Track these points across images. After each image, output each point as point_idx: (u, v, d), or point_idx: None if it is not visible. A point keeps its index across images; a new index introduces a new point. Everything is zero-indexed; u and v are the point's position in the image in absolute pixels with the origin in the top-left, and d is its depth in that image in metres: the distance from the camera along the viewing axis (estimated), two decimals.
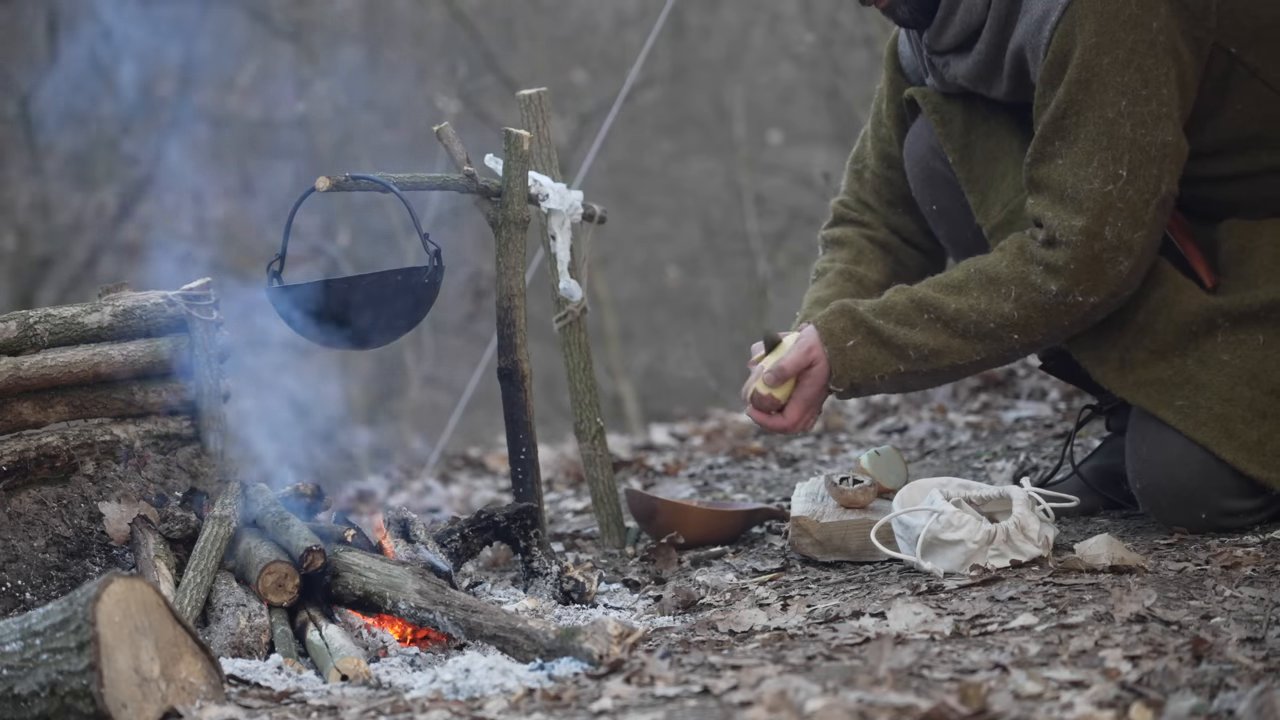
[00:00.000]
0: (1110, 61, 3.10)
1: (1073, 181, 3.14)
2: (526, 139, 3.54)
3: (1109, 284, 3.16)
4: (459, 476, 5.61)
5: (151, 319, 3.40)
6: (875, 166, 3.62)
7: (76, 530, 3.26)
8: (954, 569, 3.11)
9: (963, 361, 3.24)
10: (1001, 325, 3.20)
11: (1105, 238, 3.13)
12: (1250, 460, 3.18)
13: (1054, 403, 4.80)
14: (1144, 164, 3.11)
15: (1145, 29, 3.09)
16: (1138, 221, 3.13)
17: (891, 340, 3.23)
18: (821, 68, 10.17)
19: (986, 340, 3.22)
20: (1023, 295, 3.18)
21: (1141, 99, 3.10)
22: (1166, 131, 3.12)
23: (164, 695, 2.53)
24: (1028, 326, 3.20)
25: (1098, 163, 3.12)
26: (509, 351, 3.59)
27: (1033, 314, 3.19)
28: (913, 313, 3.23)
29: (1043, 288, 3.17)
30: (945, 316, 3.22)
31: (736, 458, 4.88)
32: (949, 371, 3.27)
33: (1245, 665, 2.41)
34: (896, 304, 3.25)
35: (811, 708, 2.30)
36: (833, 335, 3.25)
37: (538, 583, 3.39)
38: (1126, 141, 3.11)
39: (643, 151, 11.97)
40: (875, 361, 3.24)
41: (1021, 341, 3.22)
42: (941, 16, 3.28)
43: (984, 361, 3.26)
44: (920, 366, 3.24)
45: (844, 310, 3.27)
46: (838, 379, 3.25)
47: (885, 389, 3.30)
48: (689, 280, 12.12)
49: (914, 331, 3.23)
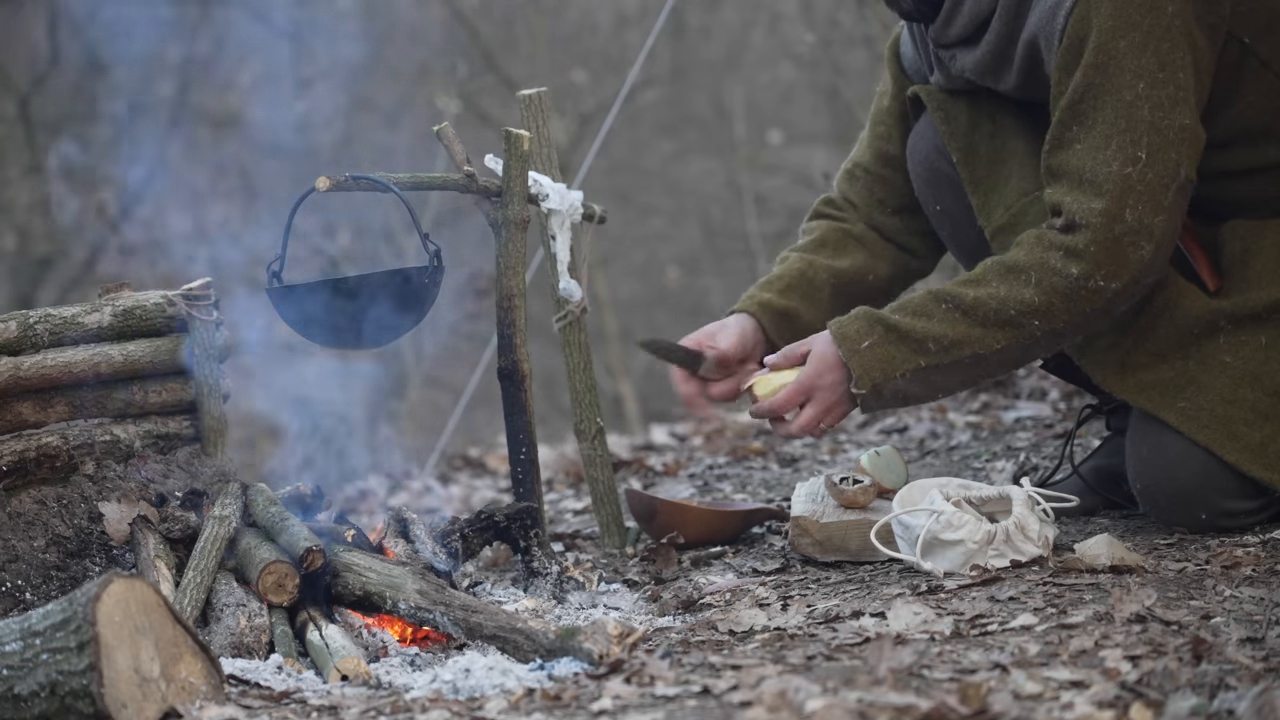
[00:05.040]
0: (1127, 45, 3.08)
1: (1091, 165, 3.11)
2: (526, 139, 3.54)
3: (1130, 269, 3.12)
4: (459, 476, 5.61)
5: (151, 319, 3.40)
6: (871, 165, 3.61)
7: (76, 530, 3.26)
8: (954, 569, 3.11)
9: (984, 351, 3.18)
10: (1022, 311, 3.15)
11: (1126, 220, 3.10)
12: (1253, 462, 3.18)
13: (1054, 403, 4.80)
14: (1162, 147, 3.09)
15: (1162, 13, 3.07)
16: (1158, 205, 3.10)
17: (910, 334, 3.19)
18: (821, 68, 10.17)
19: (1007, 328, 3.16)
20: (1043, 280, 3.13)
21: (1159, 82, 3.08)
22: (1184, 115, 3.10)
23: (164, 695, 2.53)
24: (1049, 312, 3.15)
25: (1116, 145, 3.09)
26: (509, 351, 3.59)
27: (1054, 299, 3.14)
28: (930, 305, 3.20)
29: (1063, 271, 3.12)
30: (964, 305, 3.17)
31: (736, 458, 4.88)
32: (970, 364, 3.20)
33: (1245, 665, 2.42)
34: (914, 299, 3.22)
35: (811, 708, 2.30)
36: (847, 338, 3.21)
37: (538, 583, 3.38)
38: (1145, 124, 3.08)
39: (643, 151, 11.97)
40: (894, 358, 3.20)
41: (1042, 329, 3.16)
42: (949, 8, 3.26)
43: (1005, 351, 3.18)
44: (941, 359, 3.18)
45: (861, 313, 3.24)
46: (858, 380, 3.20)
47: (911, 390, 3.23)
48: (689, 280, 12.12)
49: (932, 323, 3.18)
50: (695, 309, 11.88)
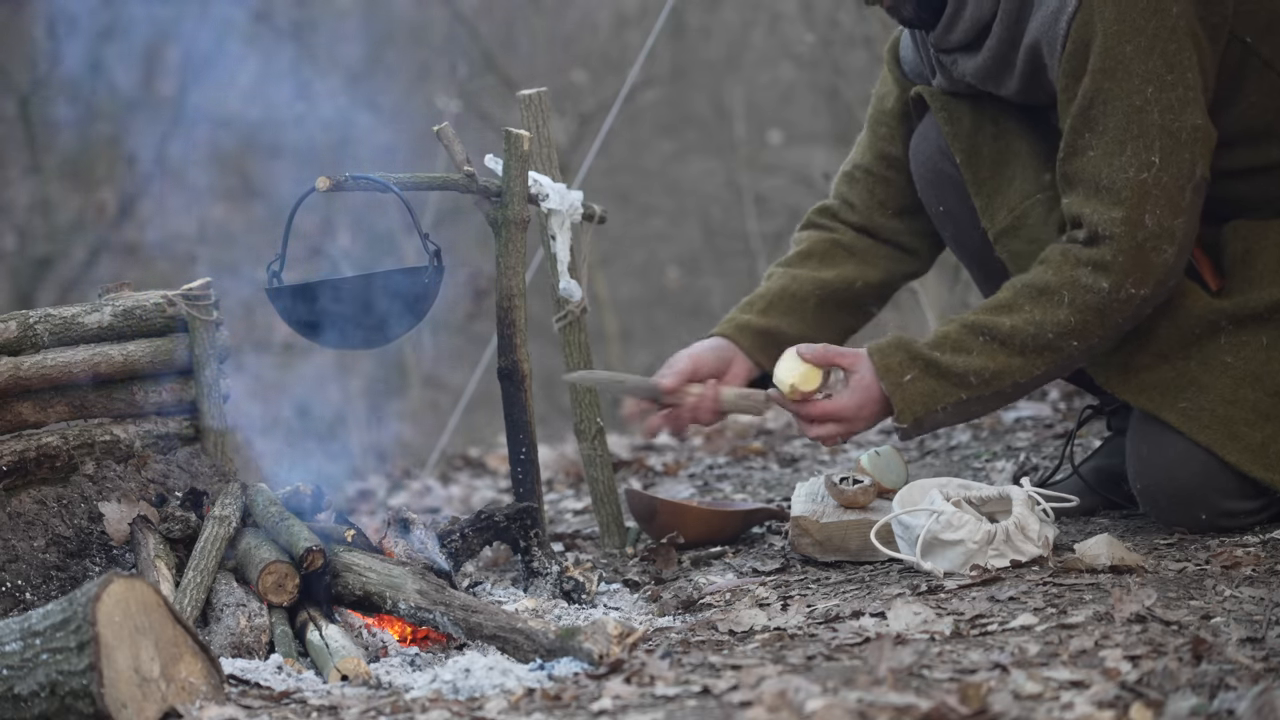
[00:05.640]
0: (1133, 49, 3.08)
1: (1107, 173, 3.11)
2: (526, 139, 3.54)
3: (1156, 273, 3.12)
4: (459, 476, 5.60)
5: (151, 319, 3.40)
6: (872, 166, 3.60)
7: (76, 530, 3.26)
8: (954, 569, 3.11)
9: (1024, 379, 3.19)
10: (1060, 334, 3.15)
11: (1147, 226, 3.10)
12: (1254, 462, 3.18)
13: (1054, 403, 4.80)
14: (1175, 149, 3.09)
15: (1165, 14, 3.08)
16: (1176, 208, 3.11)
17: (950, 370, 3.18)
18: (821, 68, 10.16)
19: (1046, 353, 3.17)
20: (1076, 299, 3.14)
21: (1167, 84, 3.08)
22: (1195, 115, 3.10)
23: (164, 695, 2.53)
24: (1085, 330, 3.15)
25: (1130, 151, 3.10)
26: (509, 351, 3.59)
27: (1089, 316, 3.14)
28: (967, 338, 3.18)
29: (1094, 287, 3.13)
30: (1001, 335, 3.17)
31: (736, 458, 4.88)
32: (1011, 391, 3.21)
33: (1245, 665, 2.42)
34: (949, 334, 3.20)
35: (811, 708, 2.30)
36: (890, 370, 3.20)
37: (538, 583, 3.39)
38: (1156, 128, 3.09)
39: (643, 151, 11.96)
40: (936, 393, 3.19)
41: (1080, 348, 3.17)
42: (950, 13, 3.26)
43: (1044, 376, 3.20)
44: (982, 391, 3.18)
45: (899, 344, 3.22)
46: (900, 414, 3.19)
47: (948, 420, 3.24)
48: (689, 280, 12.11)
49: (972, 357, 3.18)
50: (695, 309, 11.88)
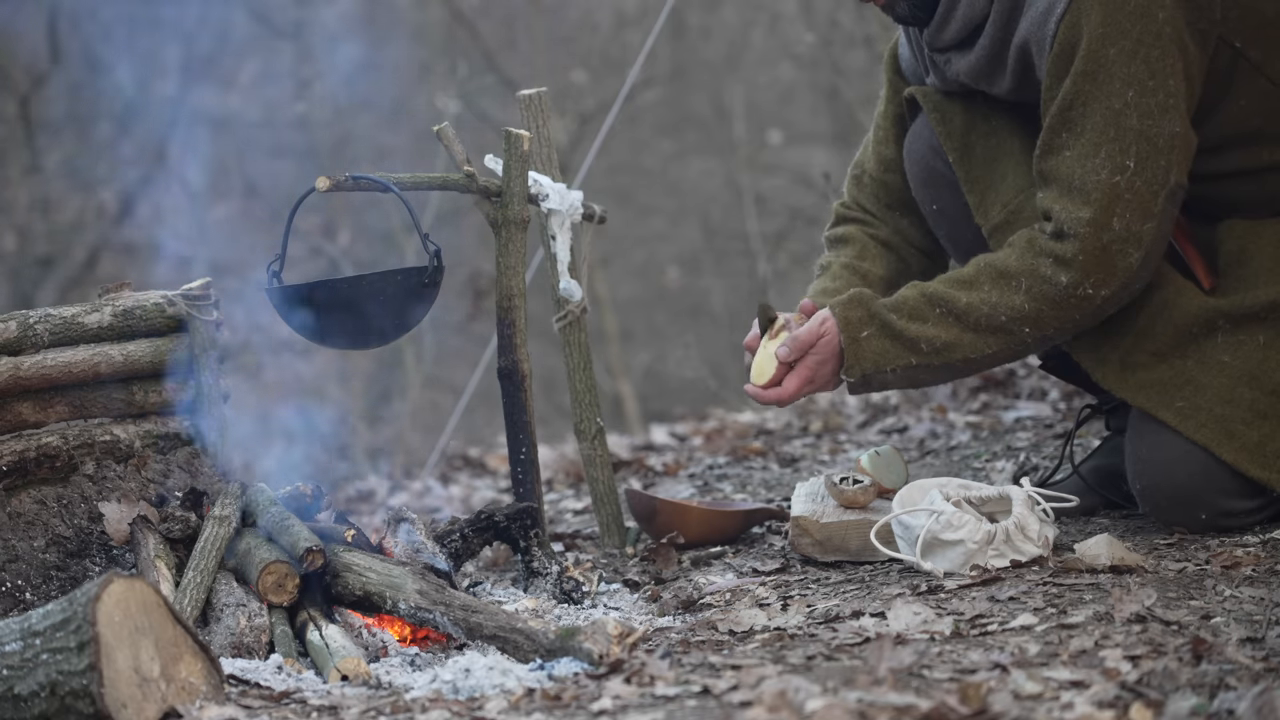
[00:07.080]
0: (1117, 52, 3.09)
1: (1080, 173, 3.13)
2: (526, 139, 3.54)
3: (1119, 276, 3.15)
4: (459, 476, 5.60)
5: (151, 319, 3.40)
6: (873, 170, 3.62)
7: (76, 530, 3.26)
8: (954, 569, 3.11)
9: (974, 355, 3.24)
10: (1013, 318, 3.20)
11: (1114, 229, 3.12)
12: (1251, 461, 3.18)
13: (1054, 403, 4.80)
14: (1151, 155, 3.11)
15: (1152, 20, 3.08)
16: (1147, 213, 3.13)
17: (904, 334, 3.23)
18: (821, 68, 10.16)
19: (998, 334, 3.21)
20: (1033, 288, 3.18)
21: (1148, 90, 3.10)
22: (1174, 123, 3.11)
23: (164, 695, 2.53)
24: (1039, 319, 3.19)
25: (1105, 154, 3.12)
26: (509, 351, 3.59)
27: (1044, 306, 3.18)
28: (925, 307, 3.23)
29: (1053, 280, 3.16)
30: (957, 310, 3.22)
31: (736, 458, 4.88)
32: (960, 365, 3.26)
33: (1245, 665, 2.42)
34: (909, 299, 3.25)
35: (811, 708, 2.30)
36: (849, 323, 3.25)
37: (538, 583, 3.39)
38: (1133, 133, 3.10)
39: (643, 151, 11.97)
40: (888, 354, 3.24)
41: (1033, 335, 3.21)
42: (943, 12, 3.28)
43: (995, 355, 3.25)
44: (932, 360, 3.24)
45: (859, 300, 3.26)
46: (849, 368, 3.25)
47: (895, 383, 3.30)
48: (689, 280, 12.12)
49: (926, 326, 3.23)
50: (695, 309, 11.88)
